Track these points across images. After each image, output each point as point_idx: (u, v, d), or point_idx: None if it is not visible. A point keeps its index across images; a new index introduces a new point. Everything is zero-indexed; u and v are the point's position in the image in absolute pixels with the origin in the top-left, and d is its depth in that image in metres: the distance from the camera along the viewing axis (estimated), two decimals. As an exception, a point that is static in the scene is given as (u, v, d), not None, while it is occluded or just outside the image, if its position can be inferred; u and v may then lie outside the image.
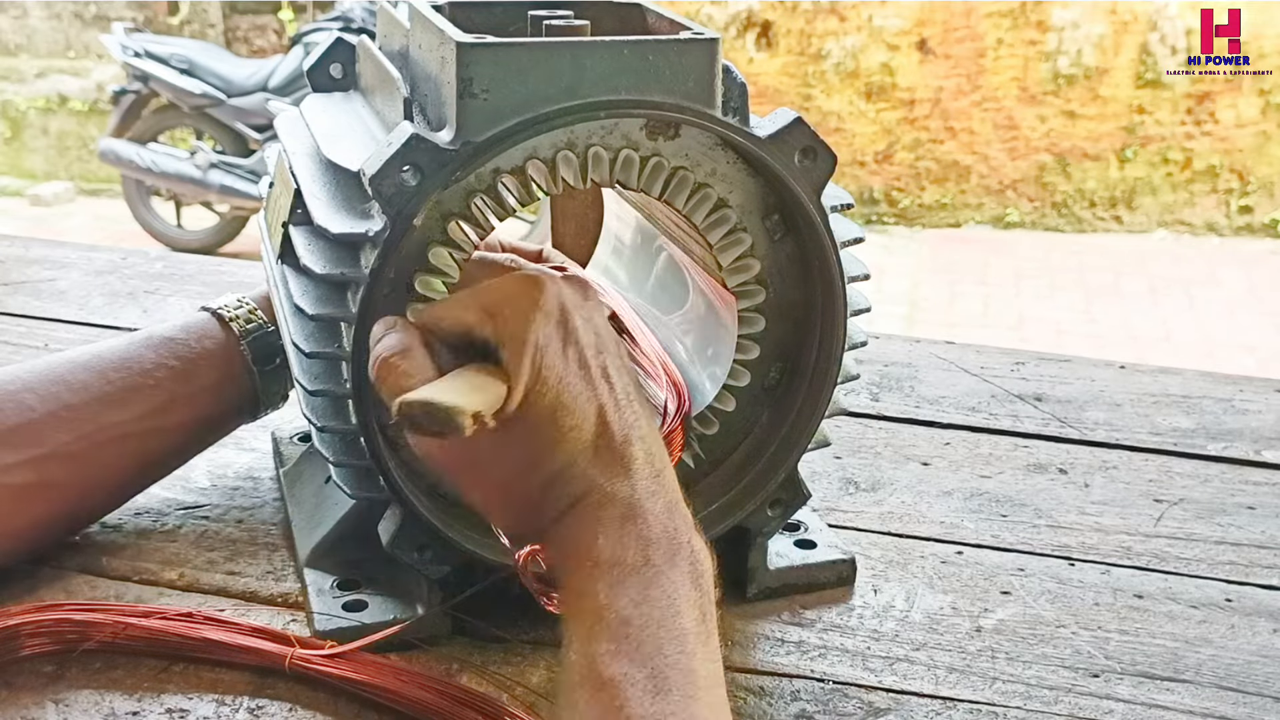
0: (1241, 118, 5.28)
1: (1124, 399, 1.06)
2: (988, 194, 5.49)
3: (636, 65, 0.64)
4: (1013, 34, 5.36)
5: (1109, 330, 4.28)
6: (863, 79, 5.49)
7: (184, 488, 0.86)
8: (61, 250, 1.33)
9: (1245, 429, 1.01)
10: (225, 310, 0.81)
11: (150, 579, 0.76)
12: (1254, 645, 0.74)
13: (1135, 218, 5.40)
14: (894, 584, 0.79)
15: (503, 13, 0.74)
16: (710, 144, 0.69)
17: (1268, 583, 0.81)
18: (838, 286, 0.70)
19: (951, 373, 1.10)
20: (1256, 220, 5.34)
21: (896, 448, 0.97)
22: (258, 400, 0.81)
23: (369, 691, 0.66)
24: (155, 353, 0.78)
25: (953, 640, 0.73)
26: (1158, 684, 0.70)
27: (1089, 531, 0.86)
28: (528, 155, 0.65)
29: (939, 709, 0.68)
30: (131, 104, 5.13)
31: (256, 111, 4.93)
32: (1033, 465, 0.95)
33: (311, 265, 0.65)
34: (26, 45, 6.24)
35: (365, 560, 0.74)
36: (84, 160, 6.07)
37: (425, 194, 0.62)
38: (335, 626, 0.70)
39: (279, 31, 5.97)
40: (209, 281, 1.25)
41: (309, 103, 0.81)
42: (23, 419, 0.73)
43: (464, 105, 0.63)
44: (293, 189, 0.72)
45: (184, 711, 0.65)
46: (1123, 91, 5.32)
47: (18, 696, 0.66)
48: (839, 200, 0.71)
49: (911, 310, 4.44)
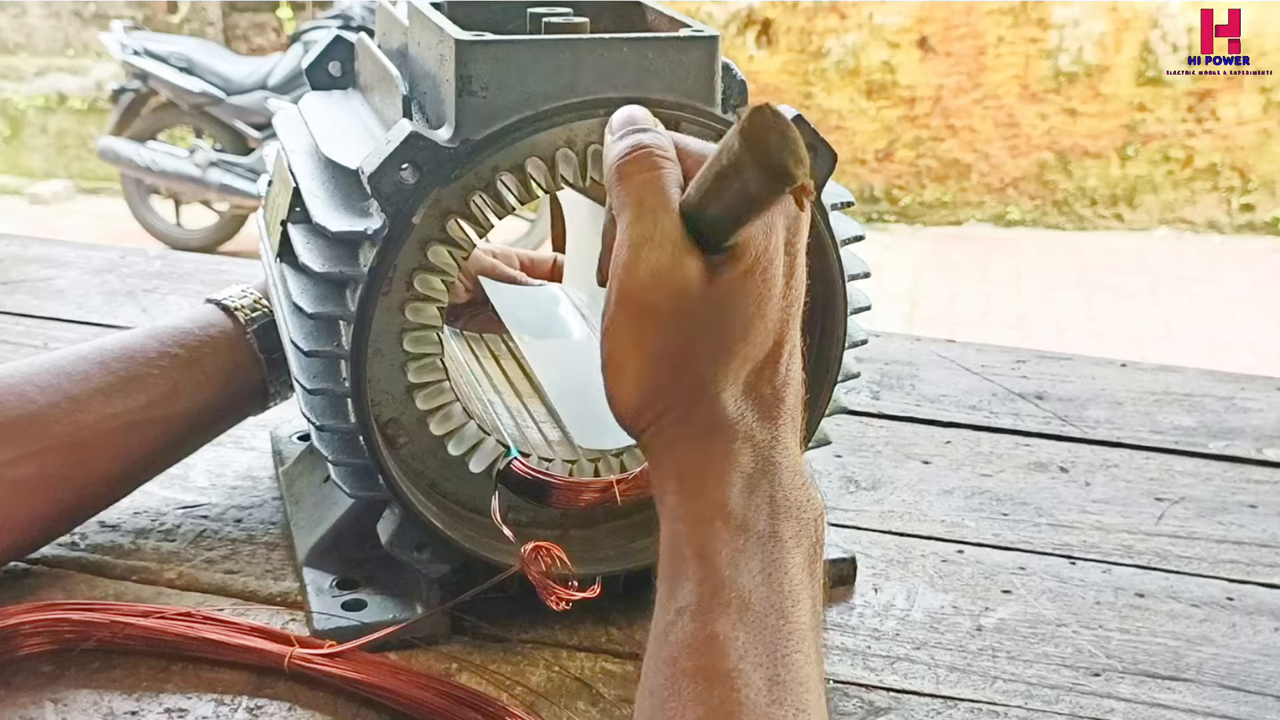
0: (1243, 115, 5.28)
1: (1125, 397, 1.06)
2: (989, 192, 5.49)
3: (636, 63, 0.64)
4: (1014, 31, 5.35)
5: (1110, 328, 4.28)
6: (863, 77, 5.49)
7: (183, 487, 0.86)
8: (60, 249, 1.33)
9: (1247, 427, 1.01)
10: (230, 300, 0.80)
11: (149, 578, 0.76)
12: (1256, 644, 0.74)
13: (1136, 216, 5.40)
14: (895, 583, 0.79)
15: (502, 10, 0.74)
16: (710, 142, 0.68)
17: (1269, 581, 0.80)
18: (838, 284, 0.70)
19: (952, 371, 1.10)
20: (1258, 218, 5.34)
21: (897, 446, 0.97)
22: (266, 390, 0.81)
23: (368, 691, 0.66)
24: (159, 342, 0.77)
25: (954, 639, 0.73)
26: (1159, 683, 0.70)
27: (1090, 530, 0.86)
28: (527, 153, 0.65)
29: (940, 708, 0.68)
30: (131, 102, 5.14)
31: (255, 110, 4.93)
32: (1034, 464, 0.95)
33: (310, 263, 0.65)
34: (26, 43, 6.24)
35: (364, 559, 0.74)
36: (83, 159, 6.07)
37: (424, 192, 0.62)
38: (334, 626, 0.70)
39: (278, 29, 5.97)
40: (208, 280, 1.25)
41: (308, 101, 0.80)
42: (24, 411, 0.72)
43: (463, 103, 0.62)
44: (291, 187, 0.72)
45: (183, 711, 0.65)
46: (1124, 89, 5.32)
47: (16, 696, 0.66)
48: (839, 198, 0.71)
49: (912, 308, 4.44)
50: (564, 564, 0.63)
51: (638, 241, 0.50)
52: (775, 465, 0.50)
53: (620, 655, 0.70)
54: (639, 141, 0.53)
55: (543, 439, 0.75)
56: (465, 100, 0.62)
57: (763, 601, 0.48)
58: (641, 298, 0.50)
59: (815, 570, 0.51)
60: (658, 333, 0.51)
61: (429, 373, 0.68)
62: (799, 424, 0.53)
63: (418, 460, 0.70)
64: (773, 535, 0.49)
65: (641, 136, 0.54)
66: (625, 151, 0.53)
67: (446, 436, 0.69)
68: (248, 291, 0.81)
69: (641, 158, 0.53)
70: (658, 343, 0.51)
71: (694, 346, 0.51)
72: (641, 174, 0.52)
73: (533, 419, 0.78)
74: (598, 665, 0.69)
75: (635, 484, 0.68)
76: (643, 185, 0.52)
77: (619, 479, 0.68)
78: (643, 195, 0.51)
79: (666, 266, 0.50)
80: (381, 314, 0.65)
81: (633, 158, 0.53)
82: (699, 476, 0.50)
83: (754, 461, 0.50)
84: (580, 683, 0.68)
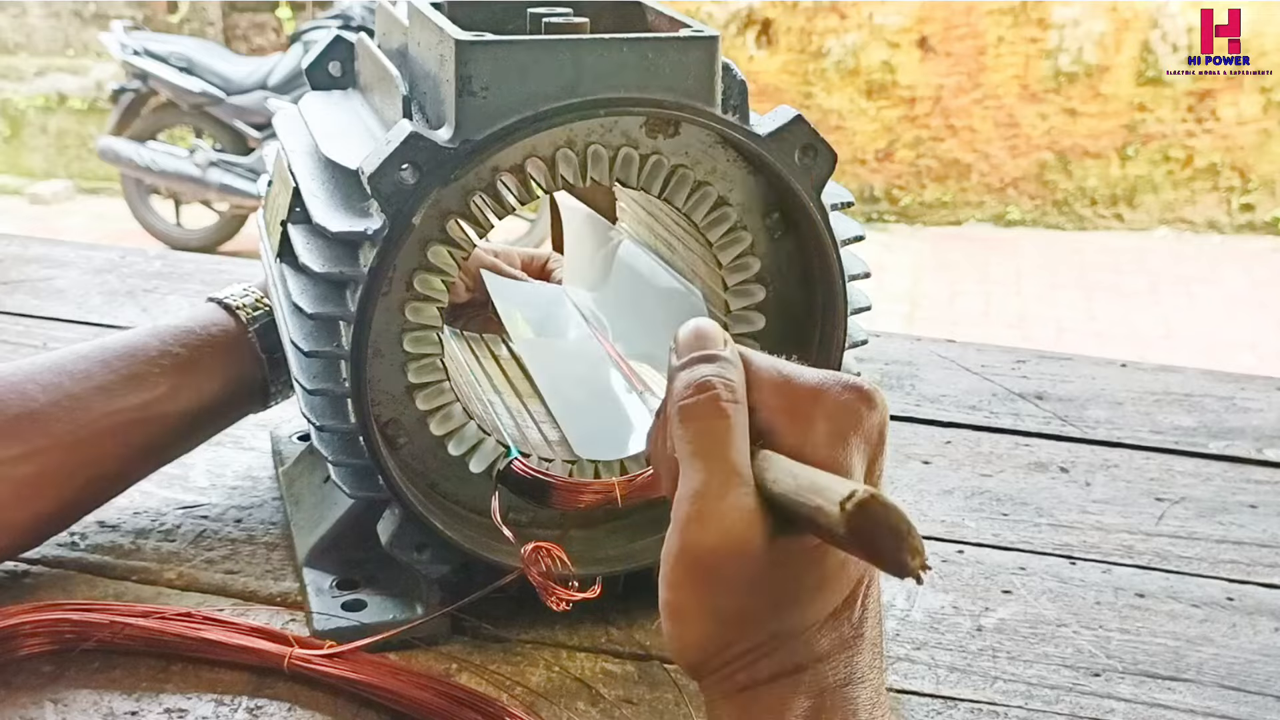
0: (1243, 115, 5.28)
1: (1125, 397, 1.06)
2: (989, 192, 5.49)
3: (636, 63, 0.64)
4: (1014, 31, 5.35)
5: (1110, 328, 4.28)
6: (863, 77, 5.49)
7: (183, 487, 0.86)
8: (60, 249, 1.33)
9: (1247, 427, 1.01)
10: (232, 299, 0.80)
11: (149, 578, 0.76)
12: (1256, 644, 0.74)
13: (1136, 215, 5.40)
14: (894, 583, 0.79)
15: (502, 10, 0.74)
16: (710, 142, 0.68)
17: (1270, 581, 0.80)
18: (838, 284, 0.70)
19: (952, 371, 1.10)
20: (1258, 218, 5.34)
21: (897, 446, 0.97)
22: (267, 389, 0.81)
23: (368, 691, 0.66)
24: (160, 341, 0.77)
25: (954, 639, 0.73)
26: (1159, 683, 0.70)
27: (1090, 530, 0.85)
28: (527, 153, 0.65)
29: (940, 708, 0.68)
30: (131, 102, 5.14)
31: (255, 110, 4.93)
32: (1034, 464, 0.95)
33: (310, 264, 0.65)
34: (26, 44, 6.24)
35: (364, 560, 0.74)
36: (83, 158, 6.07)
37: (424, 192, 0.62)
38: (334, 626, 0.70)
39: (278, 29, 5.97)
40: (208, 280, 1.25)
41: (308, 101, 0.80)
42: (25, 409, 0.72)
43: (463, 103, 0.62)
44: (291, 187, 0.72)
45: (182, 711, 0.65)
46: (1124, 89, 5.32)
47: (16, 696, 0.66)
48: (839, 198, 0.71)
49: (912, 308, 4.43)
50: (564, 564, 0.63)
51: (703, 495, 0.47)
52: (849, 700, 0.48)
53: (620, 655, 0.70)
54: (704, 379, 0.49)
55: (543, 439, 0.75)
56: (465, 100, 0.62)
57: None
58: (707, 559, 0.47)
59: None
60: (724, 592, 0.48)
61: (429, 373, 0.68)
62: (880, 651, 0.51)
63: (418, 460, 0.70)
64: None
65: (707, 370, 0.49)
66: (689, 389, 0.49)
67: (446, 437, 0.69)
68: (249, 290, 0.81)
69: (706, 403, 0.48)
70: (724, 601, 0.48)
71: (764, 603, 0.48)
72: (705, 421, 0.48)
73: (533, 419, 0.78)
74: (598, 665, 0.69)
75: (636, 485, 0.68)
76: (708, 435, 0.48)
77: (620, 480, 0.68)
78: (707, 446, 0.48)
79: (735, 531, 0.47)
80: (381, 314, 0.65)
81: (694, 401, 0.49)
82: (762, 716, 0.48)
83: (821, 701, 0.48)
84: (580, 683, 0.68)
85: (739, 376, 0.50)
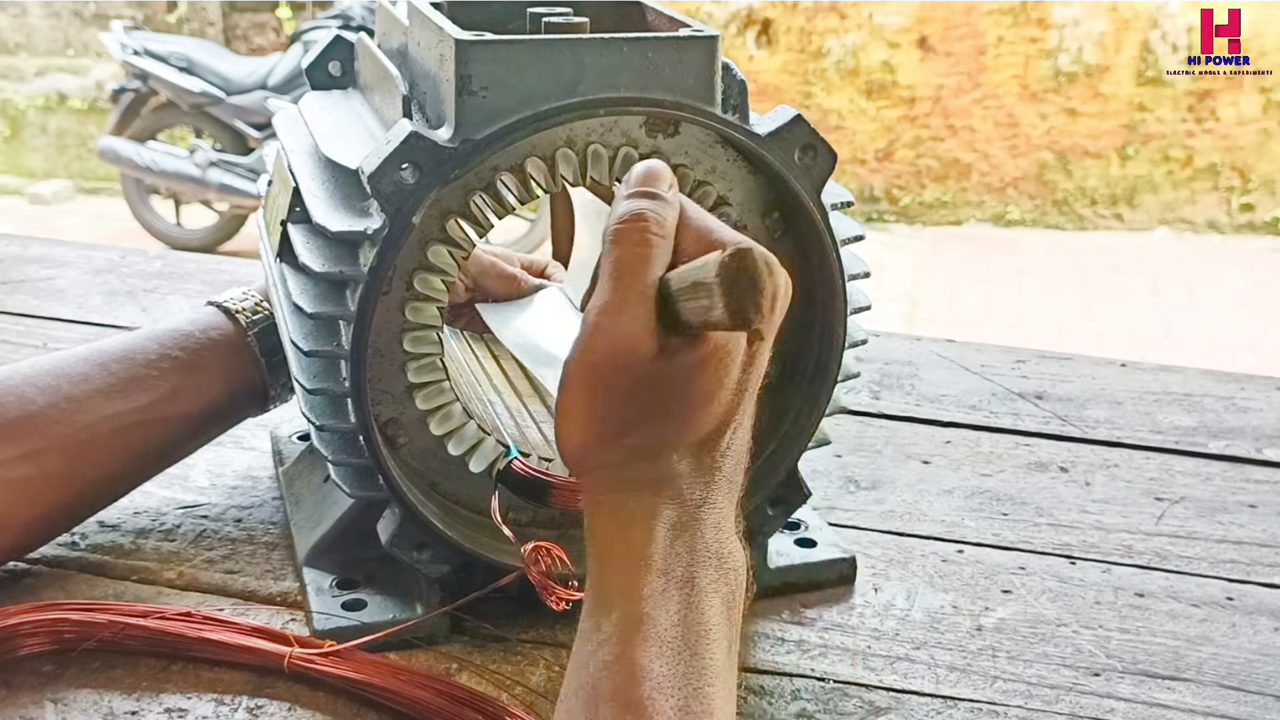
0: (1243, 115, 5.27)
1: (1125, 397, 1.06)
2: (988, 192, 5.49)
3: (636, 63, 0.64)
4: (1013, 31, 5.35)
5: (1110, 328, 4.28)
6: (863, 77, 5.48)
7: (183, 487, 0.86)
8: (60, 249, 1.33)
9: (1247, 427, 1.01)
10: (231, 303, 0.80)
11: (149, 578, 0.76)
12: (1255, 644, 0.74)
13: (1136, 215, 5.39)
14: (895, 583, 0.79)
15: (502, 10, 0.74)
16: (710, 141, 0.68)
17: (1269, 581, 0.80)
18: (838, 284, 0.70)
19: (952, 371, 1.10)
20: (1258, 218, 5.34)
21: (897, 446, 0.97)
22: (266, 392, 0.81)
23: (368, 691, 0.66)
24: (159, 344, 0.78)
25: (954, 639, 0.73)
26: (1159, 683, 0.70)
27: (1090, 530, 0.85)
28: (527, 153, 0.65)
29: (940, 708, 0.68)
30: (131, 102, 5.13)
31: (255, 109, 4.92)
32: (1034, 463, 0.95)
33: (310, 263, 0.65)
34: (26, 44, 6.24)
35: (364, 559, 0.74)
36: (83, 158, 6.07)
37: (424, 192, 0.62)
38: (334, 626, 0.70)
39: (278, 29, 5.97)
40: (208, 280, 1.25)
41: (308, 101, 0.80)
42: (23, 411, 0.72)
43: (463, 103, 0.62)
44: (291, 187, 0.72)
45: (183, 711, 0.65)
46: (1124, 89, 5.32)
47: (16, 696, 0.66)
48: (839, 198, 0.71)
49: (912, 308, 4.43)
50: (564, 564, 0.63)
51: (605, 310, 0.53)
52: (700, 521, 0.54)
53: (620, 655, 0.70)
54: (639, 211, 0.54)
55: (543, 439, 0.75)
56: (465, 100, 0.62)
57: (678, 640, 0.52)
58: (597, 364, 0.53)
59: (733, 614, 0.54)
60: (607, 397, 0.54)
61: (429, 372, 0.68)
62: (735, 489, 0.57)
63: (418, 460, 0.70)
64: (690, 580, 0.53)
65: (643, 205, 0.54)
66: (623, 216, 0.54)
67: (446, 436, 0.69)
68: (248, 294, 0.81)
69: (635, 230, 0.54)
70: (606, 405, 0.54)
71: (640, 414, 0.54)
72: (629, 246, 0.54)
73: (533, 419, 0.78)
74: (598, 665, 0.69)
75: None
76: (627, 257, 0.53)
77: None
78: (624, 267, 0.53)
79: (624, 344, 0.53)
80: (381, 314, 0.65)
81: (626, 227, 0.54)
82: (628, 525, 0.54)
83: (680, 516, 0.54)
84: (580, 683, 0.68)
85: (672, 216, 0.55)
